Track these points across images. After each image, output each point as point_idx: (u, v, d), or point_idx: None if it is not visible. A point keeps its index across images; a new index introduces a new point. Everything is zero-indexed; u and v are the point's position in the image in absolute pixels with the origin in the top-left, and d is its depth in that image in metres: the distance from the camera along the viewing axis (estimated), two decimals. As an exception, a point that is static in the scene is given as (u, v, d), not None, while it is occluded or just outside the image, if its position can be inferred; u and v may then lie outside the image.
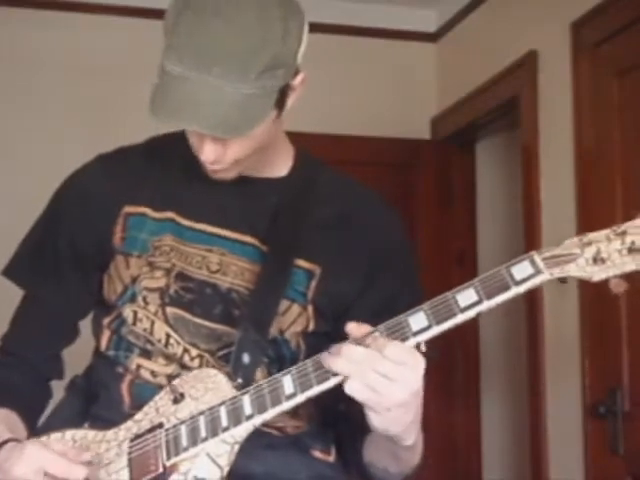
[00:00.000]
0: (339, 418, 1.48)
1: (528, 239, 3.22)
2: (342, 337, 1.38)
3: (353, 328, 1.27)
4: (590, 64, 2.90)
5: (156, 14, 3.66)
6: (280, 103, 1.35)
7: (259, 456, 1.33)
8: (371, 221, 1.51)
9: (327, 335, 1.47)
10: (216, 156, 1.36)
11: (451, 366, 3.82)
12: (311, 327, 1.45)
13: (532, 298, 3.10)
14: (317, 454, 1.48)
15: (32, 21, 3.61)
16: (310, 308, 1.45)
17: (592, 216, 2.88)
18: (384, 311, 1.46)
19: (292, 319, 1.44)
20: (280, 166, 1.50)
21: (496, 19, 3.57)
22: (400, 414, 1.25)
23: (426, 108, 3.99)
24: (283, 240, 1.45)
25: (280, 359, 1.44)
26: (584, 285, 2.77)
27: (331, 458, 1.50)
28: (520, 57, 3.30)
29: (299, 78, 1.37)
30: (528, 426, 3.23)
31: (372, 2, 3.87)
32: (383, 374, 1.22)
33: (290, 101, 1.38)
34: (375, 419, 1.26)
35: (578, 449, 2.91)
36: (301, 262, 1.45)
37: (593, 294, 2.69)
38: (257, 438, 1.31)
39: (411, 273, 1.54)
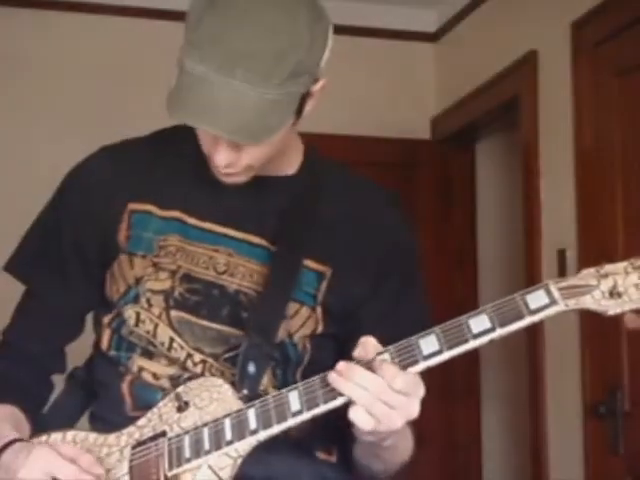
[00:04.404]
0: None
1: (528, 239, 3.22)
2: (349, 340, 1.38)
3: (362, 351, 1.26)
4: (590, 64, 2.90)
5: (156, 14, 3.70)
6: (299, 109, 1.33)
7: (261, 459, 1.31)
8: (380, 220, 1.49)
9: (334, 337, 1.47)
10: (230, 161, 1.33)
11: (451, 366, 3.81)
12: (320, 329, 1.43)
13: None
14: (320, 455, 1.48)
15: (32, 21, 3.60)
16: (319, 310, 1.43)
17: (592, 216, 2.88)
18: (391, 312, 1.45)
19: (301, 322, 1.42)
20: (289, 164, 1.48)
21: (496, 19, 3.57)
22: (388, 435, 1.27)
23: (426, 108, 3.99)
24: (291, 240, 1.43)
25: (286, 361, 1.43)
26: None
27: (333, 458, 1.49)
28: (520, 57, 3.30)
29: (319, 84, 1.34)
30: (528, 426, 3.22)
31: (372, 2, 3.87)
32: (388, 404, 1.22)
33: (308, 107, 1.35)
34: (364, 436, 1.27)
35: (578, 449, 2.91)
36: (311, 263, 1.43)
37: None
38: (254, 446, 1.29)
39: (417, 273, 1.53)
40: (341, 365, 1.24)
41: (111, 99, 3.59)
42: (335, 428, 1.50)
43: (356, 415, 1.22)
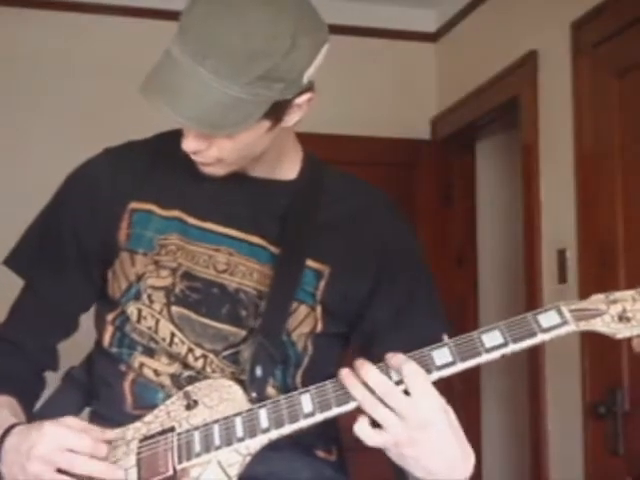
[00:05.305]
0: None
1: (528, 239, 3.22)
2: (368, 344, 1.38)
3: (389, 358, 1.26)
4: (590, 64, 2.90)
5: (156, 14, 3.69)
6: (275, 116, 1.33)
7: (261, 457, 1.32)
8: (379, 221, 1.51)
9: (337, 337, 1.48)
10: (196, 148, 1.35)
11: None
12: (319, 328, 1.45)
13: (532, 299, 3.10)
14: (320, 454, 1.49)
15: (32, 21, 3.60)
16: (319, 309, 1.44)
17: (592, 216, 2.88)
18: (402, 311, 1.46)
19: (299, 320, 1.43)
20: (289, 168, 1.50)
21: (496, 19, 3.57)
22: (414, 454, 1.23)
23: (426, 108, 3.99)
24: (294, 242, 1.44)
25: (284, 361, 1.44)
26: (584, 286, 2.78)
27: (333, 457, 1.51)
28: (520, 57, 3.30)
29: (305, 97, 1.34)
30: (528, 426, 3.23)
31: (372, 2, 3.87)
32: (394, 410, 1.21)
33: (292, 118, 1.36)
34: (390, 453, 1.25)
35: (578, 449, 2.91)
36: (310, 262, 1.45)
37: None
38: (265, 445, 1.30)
39: (425, 272, 1.54)
40: (357, 361, 1.25)
41: (111, 99, 3.59)
42: (334, 428, 1.51)
43: (359, 428, 1.22)
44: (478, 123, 3.80)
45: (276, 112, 1.32)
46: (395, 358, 1.24)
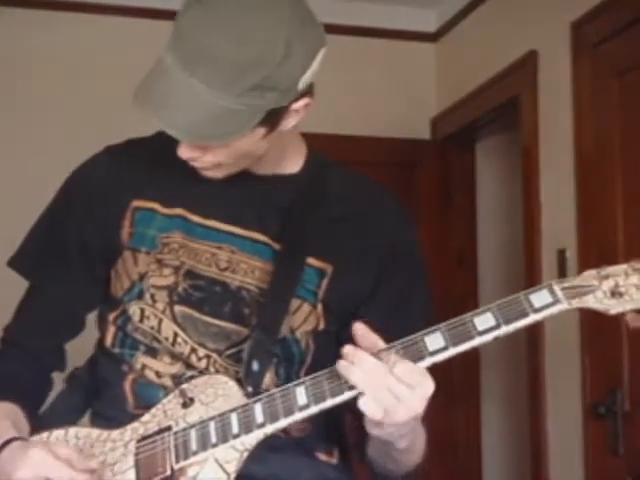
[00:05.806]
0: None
1: (528, 239, 3.22)
2: (351, 337, 1.38)
3: (359, 328, 1.26)
4: (590, 64, 2.90)
5: (156, 14, 3.69)
6: (270, 123, 1.32)
7: (262, 458, 1.32)
8: (382, 219, 1.50)
9: (337, 335, 1.47)
10: (192, 156, 1.35)
11: (451, 366, 3.81)
12: (321, 326, 1.45)
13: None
14: (321, 456, 1.49)
15: (32, 21, 3.60)
16: (320, 307, 1.44)
17: (592, 216, 2.88)
18: (396, 310, 1.46)
19: (303, 318, 1.43)
20: (292, 164, 1.49)
21: (496, 19, 3.57)
22: (398, 429, 1.27)
23: (426, 108, 3.99)
24: (295, 238, 1.44)
25: (288, 358, 1.44)
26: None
27: (334, 460, 1.50)
28: (520, 57, 3.30)
29: (301, 102, 1.33)
30: (528, 426, 3.23)
31: (372, 2, 3.87)
32: (393, 393, 1.21)
33: (289, 122, 1.35)
34: (374, 430, 1.27)
35: (578, 449, 2.91)
36: (313, 260, 1.44)
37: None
38: (261, 440, 1.30)
39: (421, 271, 1.54)
40: (348, 348, 1.24)
41: (111, 99, 3.58)
42: (336, 429, 1.50)
43: (364, 404, 1.22)
44: (478, 123, 3.80)
45: (271, 119, 1.31)
46: (383, 354, 1.24)
